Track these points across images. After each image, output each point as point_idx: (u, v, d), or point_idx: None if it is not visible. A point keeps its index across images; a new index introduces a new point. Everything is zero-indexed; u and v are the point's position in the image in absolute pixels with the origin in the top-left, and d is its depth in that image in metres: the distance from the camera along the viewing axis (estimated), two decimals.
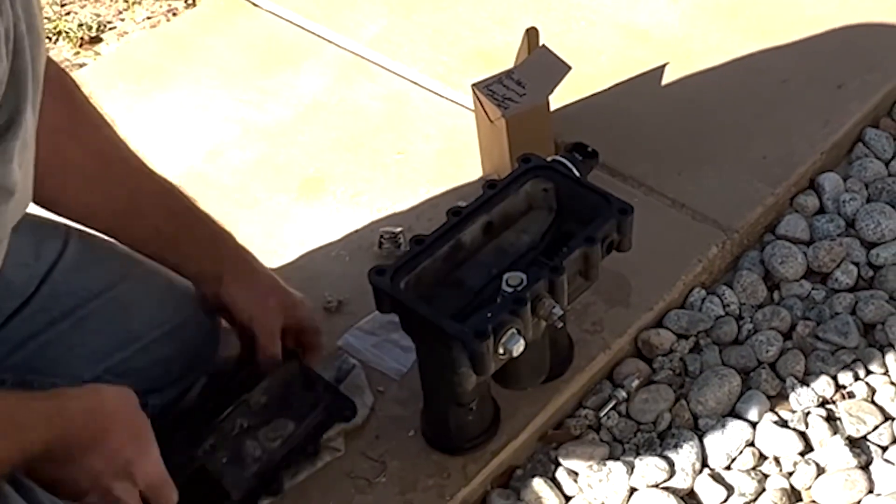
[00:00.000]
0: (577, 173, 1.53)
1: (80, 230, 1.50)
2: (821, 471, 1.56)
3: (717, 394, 1.64)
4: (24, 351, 1.41)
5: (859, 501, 1.53)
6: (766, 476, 1.57)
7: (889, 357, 1.68)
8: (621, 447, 1.62)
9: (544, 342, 1.53)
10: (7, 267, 1.35)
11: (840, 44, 2.15)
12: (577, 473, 1.58)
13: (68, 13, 2.63)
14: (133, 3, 2.62)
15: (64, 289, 1.43)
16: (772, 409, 1.64)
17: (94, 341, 1.46)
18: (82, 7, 2.64)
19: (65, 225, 1.49)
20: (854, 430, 1.60)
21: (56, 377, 1.42)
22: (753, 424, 1.62)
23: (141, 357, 1.49)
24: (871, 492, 1.54)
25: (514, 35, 1.98)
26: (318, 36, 2.29)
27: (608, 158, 1.87)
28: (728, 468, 1.58)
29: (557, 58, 1.87)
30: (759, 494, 1.55)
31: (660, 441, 1.62)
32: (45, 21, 2.58)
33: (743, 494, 1.55)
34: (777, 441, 1.59)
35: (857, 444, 1.59)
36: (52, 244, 1.45)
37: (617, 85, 2.11)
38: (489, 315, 1.35)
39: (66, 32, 2.54)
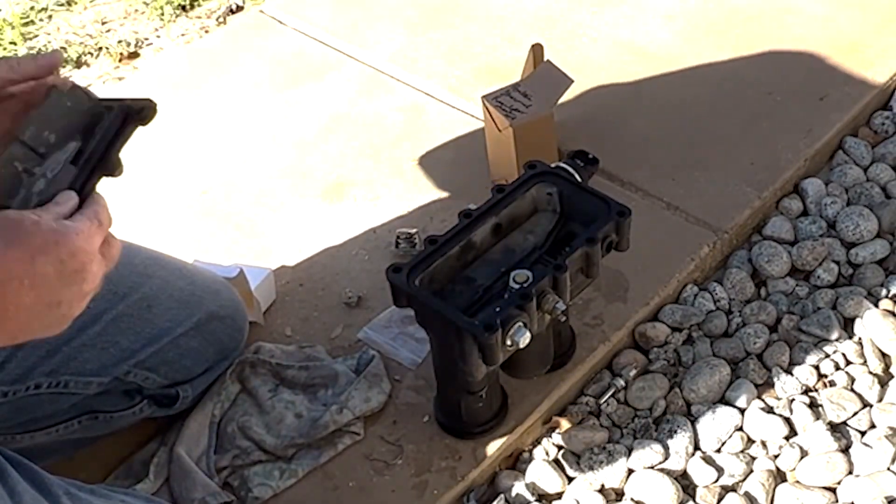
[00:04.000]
0: (578, 178, 1.53)
1: None
2: (804, 454, 1.56)
3: (708, 382, 1.64)
4: (59, 356, 1.38)
5: (840, 482, 1.52)
6: (753, 458, 1.57)
7: (867, 348, 1.68)
8: (620, 432, 1.62)
9: (549, 334, 1.53)
10: None
11: (822, 59, 2.15)
12: (578, 456, 1.58)
13: (108, 30, 2.64)
14: (169, 22, 2.63)
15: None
16: (759, 397, 1.64)
17: (124, 340, 1.44)
18: (121, 25, 2.65)
19: None
20: (835, 415, 1.60)
21: (90, 376, 1.42)
22: (742, 411, 1.62)
23: (169, 351, 1.48)
24: (850, 473, 1.53)
25: (521, 51, 1.98)
26: (341, 52, 2.29)
27: (608, 165, 1.87)
28: (718, 451, 1.58)
29: (561, 72, 1.87)
30: (748, 475, 1.55)
31: (655, 426, 1.62)
32: (87, 38, 2.59)
33: (732, 475, 1.55)
34: (764, 426, 1.59)
35: (838, 429, 1.59)
36: None
37: (616, 97, 2.11)
38: (498, 309, 1.35)
39: (107, 48, 2.55)
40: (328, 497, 1.52)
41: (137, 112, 1.14)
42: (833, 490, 1.52)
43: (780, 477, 1.56)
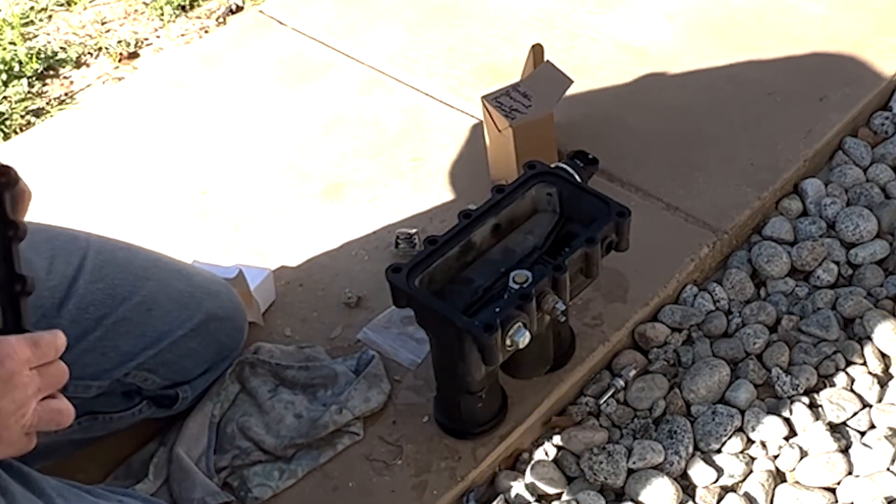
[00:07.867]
0: (578, 179, 1.53)
1: (100, 236, 1.47)
2: (804, 454, 1.56)
3: (707, 383, 1.64)
4: None
5: (839, 482, 1.52)
6: (753, 459, 1.57)
7: (867, 349, 1.68)
8: (620, 432, 1.62)
9: (548, 335, 1.53)
10: None
11: (822, 60, 2.15)
12: (578, 456, 1.58)
13: (108, 31, 2.64)
14: (168, 22, 2.63)
15: (90, 299, 1.39)
16: (758, 397, 1.64)
17: (124, 344, 1.43)
18: (121, 25, 2.65)
19: (85, 235, 1.45)
20: (834, 416, 1.60)
21: (90, 380, 1.42)
22: (741, 411, 1.62)
23: (169, 352, 1.48)
24: (850, 473, 1.53)
25: (521, 51, 1.98)
26: (341, 52, 2.29)
27: (607, 165, 1.87)
28: (718, 451, 1.58)
29: (561, 72, 1.87)
30: (747, 476, 1.55)
31: (655, 426, 1.62)
32: (87, 38, 2.59)
33: (732, 476, 1.55)
34: (763, 426, 1.59)
35: (838, 430, 1.59)
36: (65, 259, 1.39)
37: (616, 97, 2.11)
38: (497, 310, 1.35)
39: (106, 48, 2.55)
40: (328, 497, 1.52)
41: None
42: (833, 490, 1.52)
43: (779, 477, 1.56)
